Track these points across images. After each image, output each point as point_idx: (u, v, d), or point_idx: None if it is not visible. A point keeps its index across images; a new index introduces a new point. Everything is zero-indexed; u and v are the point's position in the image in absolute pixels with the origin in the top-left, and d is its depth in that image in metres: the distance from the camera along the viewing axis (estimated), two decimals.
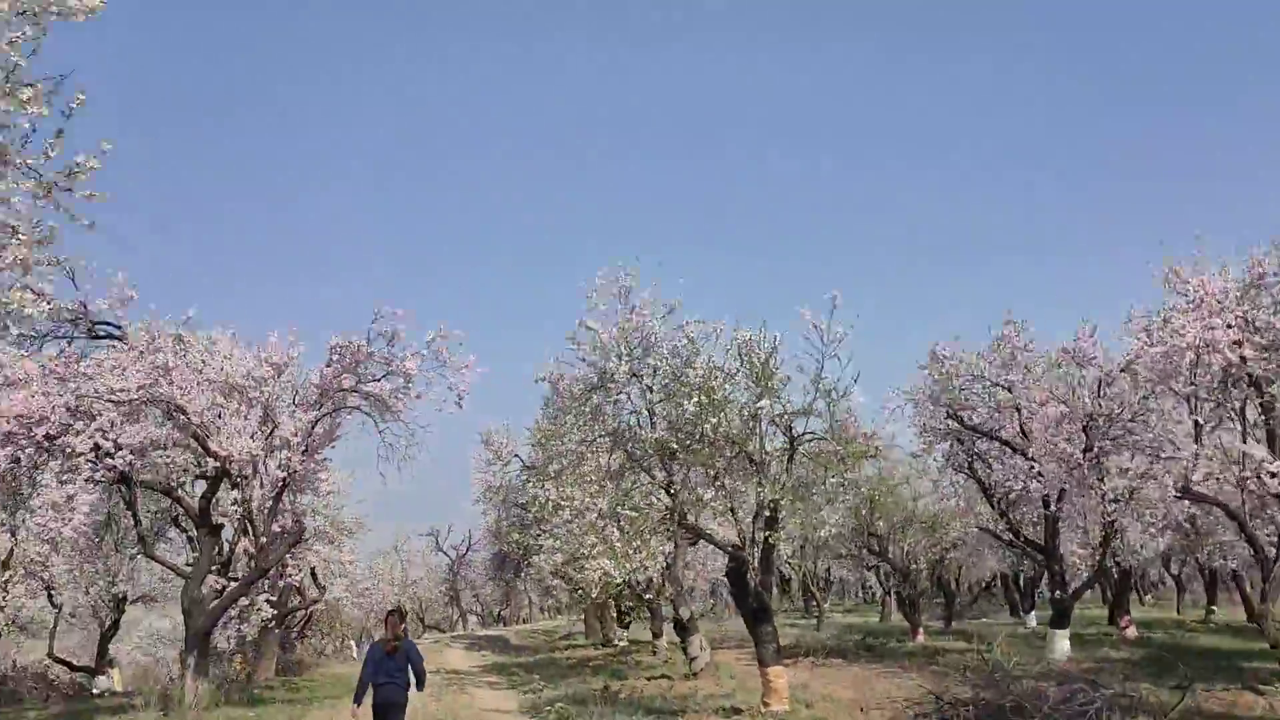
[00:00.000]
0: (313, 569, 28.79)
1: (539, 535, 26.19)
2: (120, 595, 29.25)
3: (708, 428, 14.44)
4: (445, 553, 61.55)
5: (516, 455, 37.92)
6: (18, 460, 15.85)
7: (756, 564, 14.50)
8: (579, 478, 21.41)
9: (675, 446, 18.22)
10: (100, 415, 16.50)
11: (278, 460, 19.11)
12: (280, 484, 19.21)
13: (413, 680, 11.10)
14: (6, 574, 27.70)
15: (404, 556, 58.62)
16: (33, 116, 5.24)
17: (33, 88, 5.12)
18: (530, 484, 31.85)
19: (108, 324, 19.23)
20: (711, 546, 19.30)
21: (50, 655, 30.12)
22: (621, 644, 33.11)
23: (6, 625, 27.43)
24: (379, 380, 18.27)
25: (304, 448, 19.06)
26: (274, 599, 25.97)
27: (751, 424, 14.18)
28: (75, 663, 31.47)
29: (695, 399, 14.06)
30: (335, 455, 25.02)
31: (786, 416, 14.20)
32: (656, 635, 28.92)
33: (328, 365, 18.16)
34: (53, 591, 29.92)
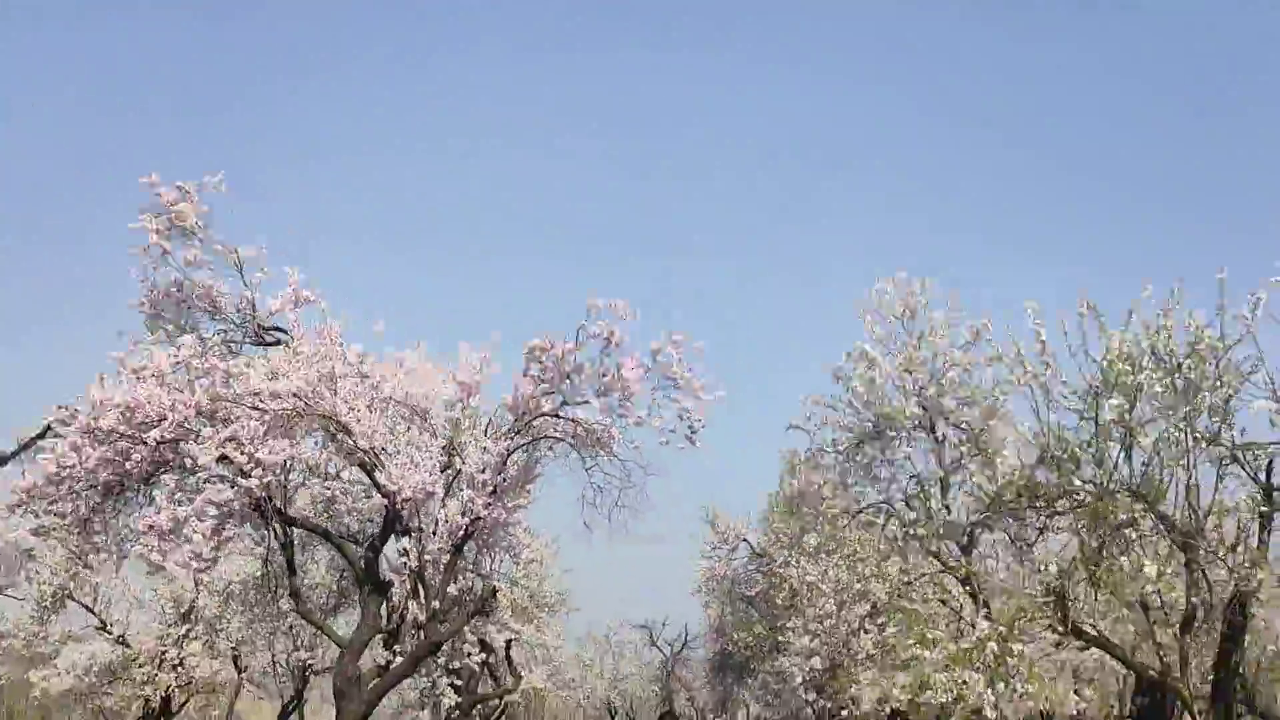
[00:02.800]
0: (508, 651, 24.48)
1: (785, 628, 20.57)
2: (301, 664, 26.05)
3: (1089, 471, 8.79)
4: (660, 648, 56.27)
5: (745, 540, 32.86)
6: (123, 471, 12.30)
7: (1195, 702, 8.42)
8: (848, 556, 16.05)
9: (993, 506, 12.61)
10: (238, 422, 12.84)
11: (460, 502, 14.93)
12: (462, 533, 14.93)
13: None
14: (185, 627, 25.13)
15: (615, 648, 53.84)
16: None
17: None
18: (770, 566, 26.47)
19: (278, 329, 15.97)
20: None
21: None
22: None
23: (177, 686, 24.63)
24: (588, 401, 13.76)
25: (492, 488, 14.76)
26: (459, 683, 21.79)
27: (1179, 460, 8.41)
28: None
29: (1106, 404, 8.35)
30: (537, 518, 20.79)
31: (1255, 449, 8.31)
32: None
33: (525, 374, 13.84)
34: (238, 655, 27.26)
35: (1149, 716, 9.22)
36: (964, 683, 7.69)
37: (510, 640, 24.22)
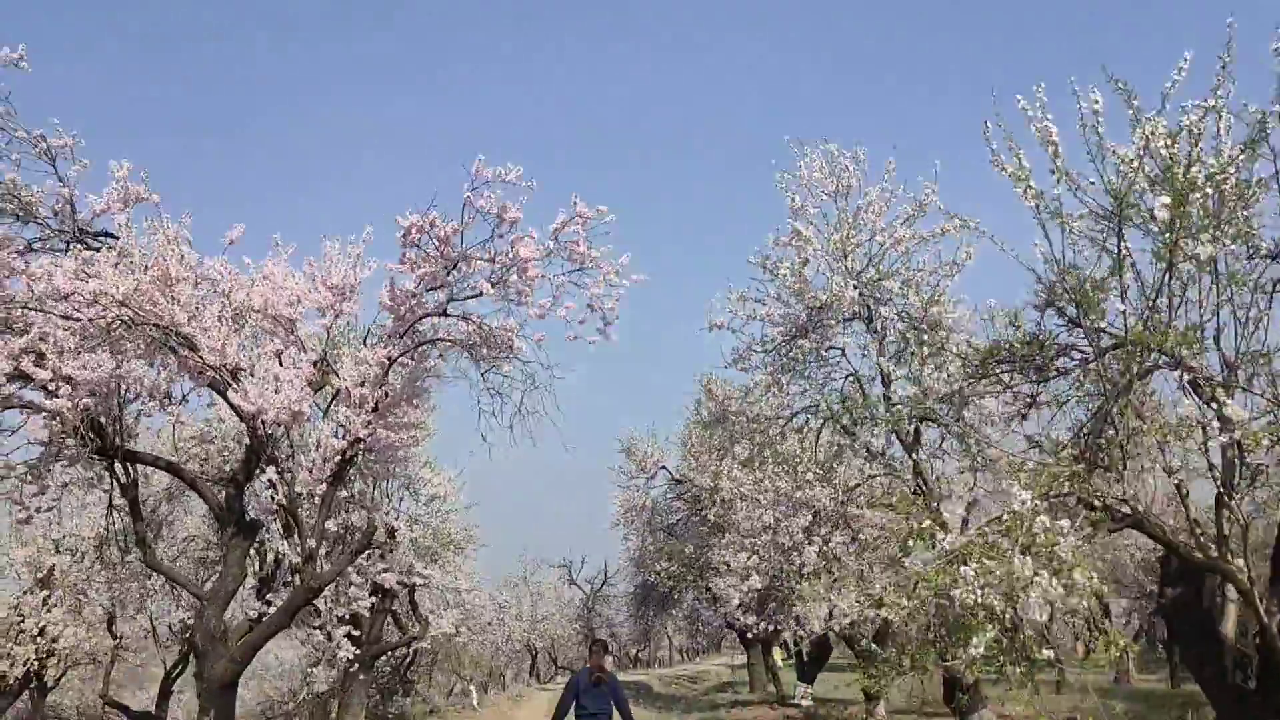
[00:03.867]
0: (412, 596, 22.43)
1: (719, 545, 18.77)
2: (183, 625, 23.52)
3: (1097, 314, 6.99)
4: (579, 586, 54.94)
5: (664, 468, 31.17)
6: None
7: (1257, 584, 6.68)
8: (784, 461, 14.28)
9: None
10: (35, 330, 10.32)
11: (336, 424, 12.73)
12: (339, 459, 12.70)
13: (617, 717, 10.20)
14: (44, 593, 22.32)
15: (534, 588, 52.23)
16: None
17: None
18: (693, 489, 24.83)
19: (106, 234, 13.28)
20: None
21: (103, 697, 24.71)
22: (805, 702, 25.39)
23: (38, 658, 21.87)
24: (480, 293, 11.58)
25: (373, 404, 12.55)
26: (358, 634, 19.66)
27: (1231, 286, 6.62)
28: (134, 707, 26.02)
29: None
30: (441, 452, 18.69)
31: None
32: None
33: (401, 262, 11.56)
34: (114, 620, 24.60)
35: (1184, 609, 7.72)
36: (994, 576, 5.91)
37: (415, 585, 22.18)
